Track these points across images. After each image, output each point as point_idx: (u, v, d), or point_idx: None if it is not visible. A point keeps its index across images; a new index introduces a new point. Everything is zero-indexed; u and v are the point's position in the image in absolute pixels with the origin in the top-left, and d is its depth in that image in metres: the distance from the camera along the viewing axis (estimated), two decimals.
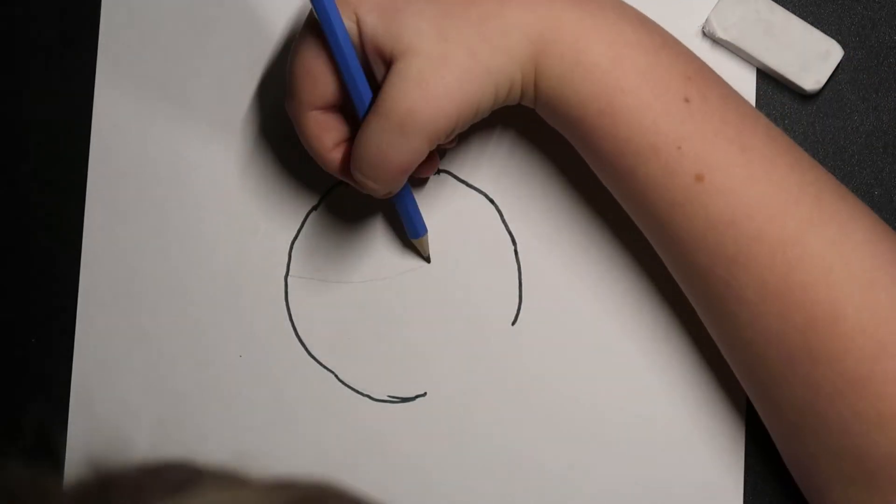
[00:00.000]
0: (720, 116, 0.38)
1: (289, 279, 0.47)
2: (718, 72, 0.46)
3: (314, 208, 0.47)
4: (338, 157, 0.41)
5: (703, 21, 0.46)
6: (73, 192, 0.47)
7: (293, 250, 0.47)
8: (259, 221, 0.47)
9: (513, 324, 0.46)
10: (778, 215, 0.37)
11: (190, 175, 0.47)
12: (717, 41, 0.46)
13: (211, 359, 0.47)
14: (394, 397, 0.47)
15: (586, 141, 0.39)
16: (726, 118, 0.38)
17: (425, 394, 0.47)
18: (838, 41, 0.46)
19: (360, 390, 0.47)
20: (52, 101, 0.48)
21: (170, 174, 0.47)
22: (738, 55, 0.46)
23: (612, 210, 0.44)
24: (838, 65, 0.46)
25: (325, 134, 0.40)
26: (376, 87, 0.39)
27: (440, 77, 0.36)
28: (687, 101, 0.37)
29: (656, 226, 0.40)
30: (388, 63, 0.37)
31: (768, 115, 0.47)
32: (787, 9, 0.46)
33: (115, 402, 0.47)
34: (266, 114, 0.47)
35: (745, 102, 0.40)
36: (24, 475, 0.23)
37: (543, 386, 0.46)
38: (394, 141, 0.37)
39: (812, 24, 0.46)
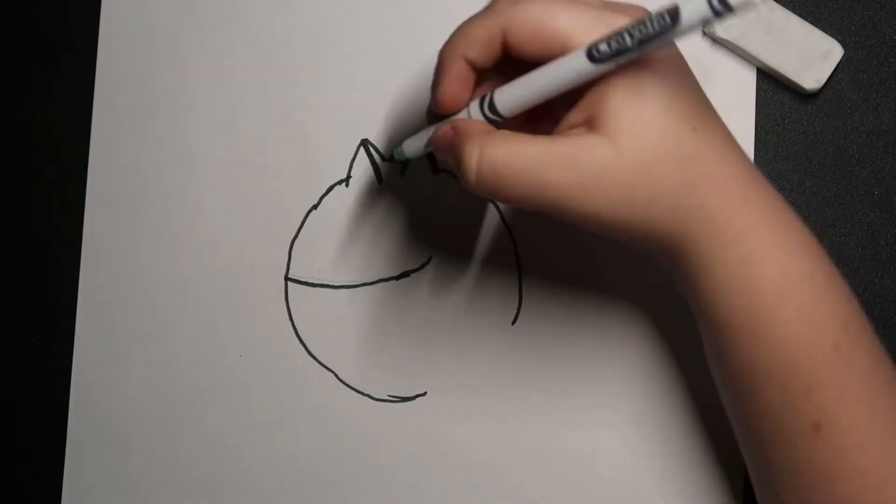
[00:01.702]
0: (861, 372, 0.36)
1: (289, 278, 0.47)
2: (719, 71, 0.46)
3: (314, 208, 0.47)
4: (447, 99, 0.37)
5: None
6: (73, 191, 0.47)
7: (293, 250, 0.47)
8: (259, 221, 0.47)
9: (513, 323, 0.46)
10: (875, 489, 0.35)
11: (190, 174, 0.47)
12: (717, 40, 0.46)
13: (211, 358, 0.47)
14: (394, 397, 0.47)
15: (717, 343, 0.37)
16: (866, 375, 0.36)
17: (425, 393, 0.47)
18: (839, 41, 0.46)
19: (360, 390, 0.47)
20: (53, 101, 0.48)
21: (170, 173, 0.47)
22: (738, 54, 0.46)
23: None
24: (838, 64, 0.46)
25: (459, 85, 0.36)
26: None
27: (610, 191, 0.34)
28: (836, 348, 0.35)
29: (756, 451, 0.38)
30: (590, 113, 0.34)
31: (768, 114, 0.47)
32: (788, 8, 0.46)
33: (115, 400, 0.47)
34: (267, 112, 0.47)
35: (887, 361, 0.37)
36: None
37: (543, 385, 0.46)
38: (524, 189, 0.34)
39: (812, 23, 0.46)
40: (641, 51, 0.32)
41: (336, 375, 0.47)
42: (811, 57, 0.46)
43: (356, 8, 0.47)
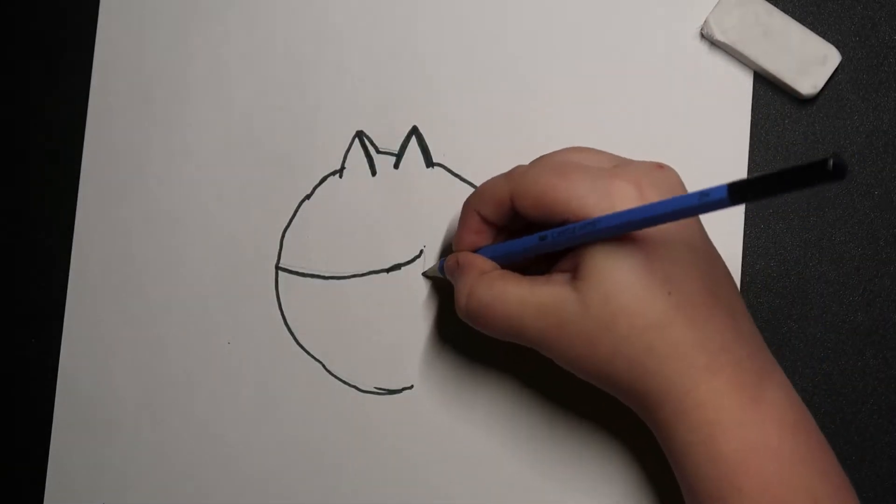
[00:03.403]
0: None
1: (280, 268, 0.47)
2: (715, 74, 0.46)
3: (307, 198, 0.47)
4: (462, 245, 0.42)
5: (702, 23, 0.46)
6: (67, 176, 0.48)
7: (285, 239, 0.47)
8: (251, 210, 0.47)
9: None
10: None
11: (184, 162, 0.47)
12: (714, 43, 0.46)
13: (199, 344, 0.47)
14: (380, 389, 0.46)
15: (688, 496, 0.38)
16: None
17: (412, 386, 0.46)
18: (838, 41, 0.46)
19: (347, 381, 0.46)
20: (49, 87, 0.48)
21: (163, 161, 0.48)
22: (735, 58, 0.46)
23: None
24: (837, 66, 0.46)
25: (474, 234, 0.41)
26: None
27: (576, 344, 0.37)
28: None
29: None
30: (577, 263, 0.37)
31: (766, 117, 0.46)
32: (787, 9, 0.46)
33: (102, 386, 0.47)
34: (262, 102, 0.47)
35: None
36: None
37: (532, 379, 0.45)
38: (503, 327, 0.38)
39: (812, 23, 0.46)
40: (588, 239, 0.36)
41: (323, 366, 0.46)
42: (808, 62, 0.46)
43: None
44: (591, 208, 0.36)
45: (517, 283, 0.38)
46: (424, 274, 0.46)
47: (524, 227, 0.41)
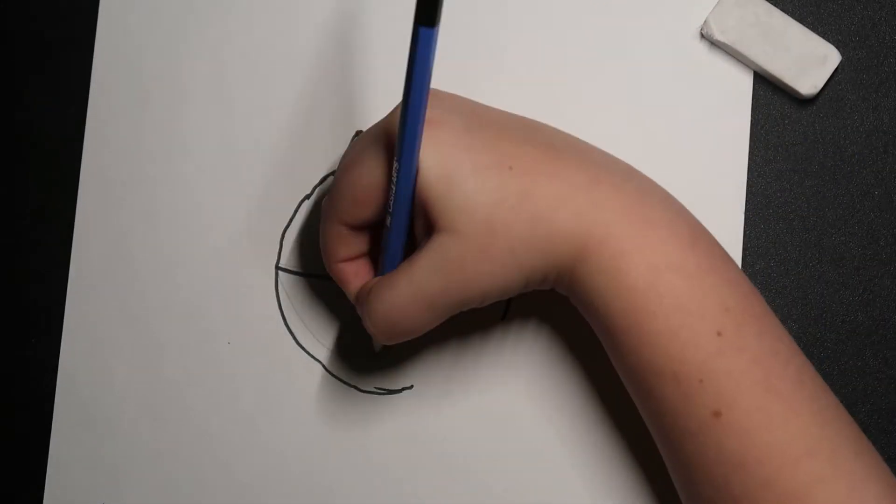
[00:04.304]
0: (751, 355, 0.36)
1: (279, 268, 0.47)
2: (715, 74, 0.46)
3: (307, 197, 0.47)
4: (345, 270, 0.41)
5: (702, 23, 0.46)
6: (66, 177, 0.48)
7: (284, 239, 0.47)
8: (251, 210, 0.47)
9: (502, 318, 0.46)
10: (789, 465, 0.35)
11: (183, 161, 0.47)
12: (714, 43, 0.46)
13: (199, 344, 0.47)
14: (381, 389, 0.46)
15: (610, 348, 0.39)
16: (757, 357, 0.36)
17: (412, 386, 0.46)
18: (838, 41, 0.46)
19: (347, 381, 0.46)
20: (48, 88, 0.48)
21: (162, 161, 0.48)
22: (735, 58, 0.47)
23: None
24: (837, 67, 0.46)
25: (341, 247, 0.40)
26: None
27: (478, 267, 0.36)
28: (719, 334, 0.36)
29: (667, 446, 0.39)
30: (428, 220, 0.37)
31: (766, 117, 0.46)
32: (787, 9, 0.46)
33: (101, 385, 0.47)
34: (261, 101, 0.47)
35: (782, 339, 0.38)
36: None
37: (531, 380, 0.45)
38: (419, 314, 0.38)
39: (812, 23, 0.46)
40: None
41: (323, 366, 0.46)
42: (808, 62, 0.46)
43: None
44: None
45: (399, 274, 0.38)
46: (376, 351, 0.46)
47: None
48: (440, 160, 0.36)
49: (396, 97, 0.47)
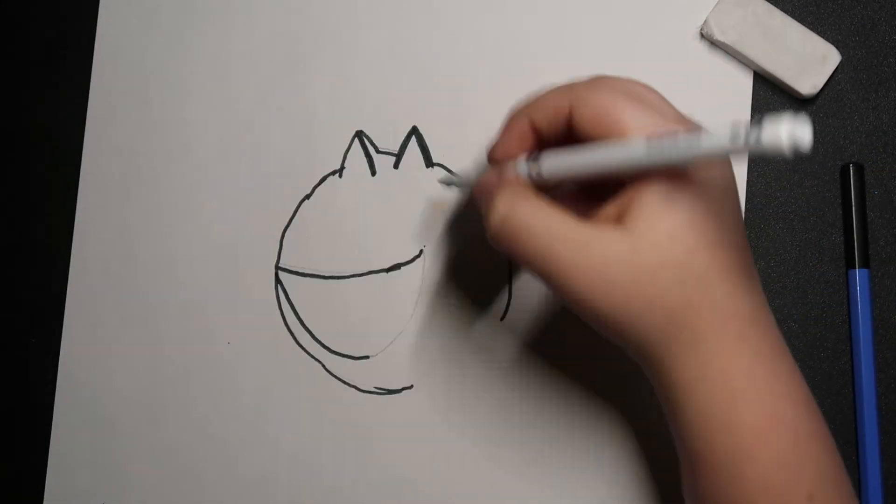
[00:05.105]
0: None
1: (279, 267, 0.47)
2: (715, 74, 0.46)
3: (307, 198, 0.47)
4: (501, 151, 0.39)
5: (702, 23, 0.46)
6: (67, 175, 0.48)
7: (284, 239, 0.47)
8: (251, 210, 0.47)
9: (502, 319, 0.46)
10: None
11: (184, 161, 0.47)
12: (714, 43, 0.46)
13: (199, 344, 0.47)
14: (380, 389, 0.46)
15: (692, 468, 0.37)
16: None
17: (412, 386, 0.46)
18: (838, 41, 0.46)
19: (346, 381, 0.46)
20: (49, 87, 0.48)
21: (164, 160, 0.48)
22: (735, 58, 0.46)
23: None
24: (837, 67, 0.46)
25: (517, 141, 0.38)
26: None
27: (608, 285, 0.35)
28: (810, 498, 0.35)
29: None
30: (624, 207, 0.35)
31: (768, 114, 0.46)
32: (787, 9, 0.46)
33: (102, 384, 0.47)
34: (262, 102, 0.47)
35: None
36: None
37: (530, 381, 0.45)
38: (523, 250, 0.36)
39: (812, 23, 0.46)
40: (692, 158, 0.33)
41: (323, 366, 0.46)
42: (808, 62, 0.46)
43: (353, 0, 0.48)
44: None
45: (562, 215, 0.35)
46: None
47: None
48: (685, 190, 0.35)
49: (397, 97, 0.47)
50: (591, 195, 0.38)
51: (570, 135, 0.37)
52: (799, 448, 0.35)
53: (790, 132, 0.29)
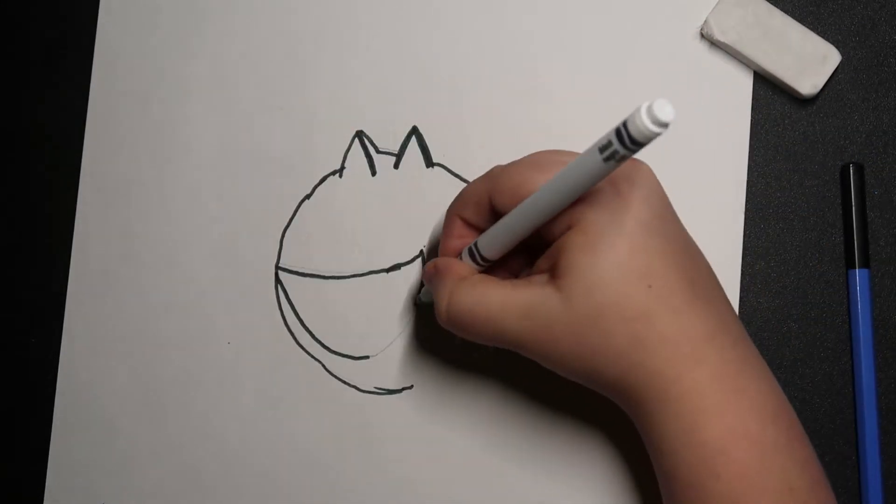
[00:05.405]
0: None
1: (279, 267, 0.47)
2: (715, 74, 0.46)
3: (307, 198, 0.47)
4: (448, 252, 0.41)
5: (702, 23, 0.46)
6: (67, 175, 0.48)
7: (285, 239, 0.47)
8: (251, 210, 0.47)
9: None
10: None
11: (184, 161, 0.47)
12: (714, 43, 0.46)
13: (199, 344, 0.47)
14: (380, 389, 0.46)
15: (664, 483, 0.38)
16: None
17: (412, 386, 0.46)
18: (838, 41, 0.46)
19: (346, 381, 0.46)
20: (49, 87, 0.48)
21: (163, 160, 0.47)
22: (735, 58, 0.46)
23: None
24: (837, 67, 0.46)
25: (456, 240, 0.41)
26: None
27: (560, 342, 0.37)
28: None
29: None
30: (554, 261, 0.37)
31: (766, 117, 0.46)
32: (787, 9, 0.46)
33: (102, 384, 0.47)
34: (263, 102, 0.47)
35: None
36: None
37: (530, 381, 0.45)
38: (484, 333, 0.38)
39: (812, 23, 0.46)
40: (587, 178, 0.33)
41: (323, 366, 0.46)
42: (808, 62, 0.46)
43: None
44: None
45: (498, 286, 0.38)
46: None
47: None
48: (608, 232, 0.36)
49: (397, 97, 0.47)
50: (519, 260, 0.41)
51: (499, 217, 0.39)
52: (762, 462, 0.36)
53: (648, 110, 0.30)
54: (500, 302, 0.37)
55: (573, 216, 0.36)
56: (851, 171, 0.46)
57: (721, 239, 0.41)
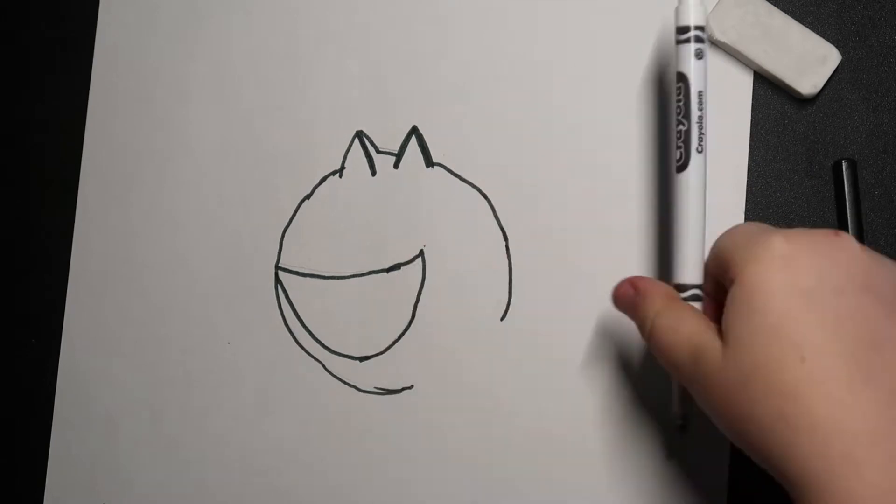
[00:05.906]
0: None
1: (279, 267, 0.47)
2: (715, 74, 0.46)
3: (307, 198, 0.47)
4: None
5: None
6: (68, 175, 0.48)
7: (284, 239, 0.47)
8: (251, 210, 0.47)
9: (502, 319, 0.46)
10: None
11: (184, 161, 0.47)
12: (714, 43, 0.46)
13: (199, 344, 0.47)
14: (380, 389, 0.46)
15: None
16: None
17: (412, 386, 0.46)
18: (838, 41, 0.46)
19: (346, 381, 0.46)
20: (49, 86, 0.49)
21: (164, 160, 0.48)
22: (735, 58, 0.46)
23: (601, 206, 0.43)
24: (837, 67, 0.46)
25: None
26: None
27: (711, 396, 0.34)
28: None
29: None
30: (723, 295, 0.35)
31: (766, 117, 0.46)
32: (787, 9, 0.46)
33: (102, 383, 0.47)
34: (263, 102, 0.47)
35: None
36: None
37: (531, 381, 0.45)
38: (674, 364, 0.36)
39: (812, 23, 0.46)
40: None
41: (323, 366, 0.46)
42: (808, 62, 0.46)
43: None
44: (737, 258, 0.34)
45: (694, 320, 0.36)
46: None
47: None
48: (765, 293, 0.33)
49: (397, 97, 0.47)
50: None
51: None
52: None
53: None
54: (687, 336, 0.35)
55: (735, 266, 0.34)
56: (844, 166, 0.46)
57: None
